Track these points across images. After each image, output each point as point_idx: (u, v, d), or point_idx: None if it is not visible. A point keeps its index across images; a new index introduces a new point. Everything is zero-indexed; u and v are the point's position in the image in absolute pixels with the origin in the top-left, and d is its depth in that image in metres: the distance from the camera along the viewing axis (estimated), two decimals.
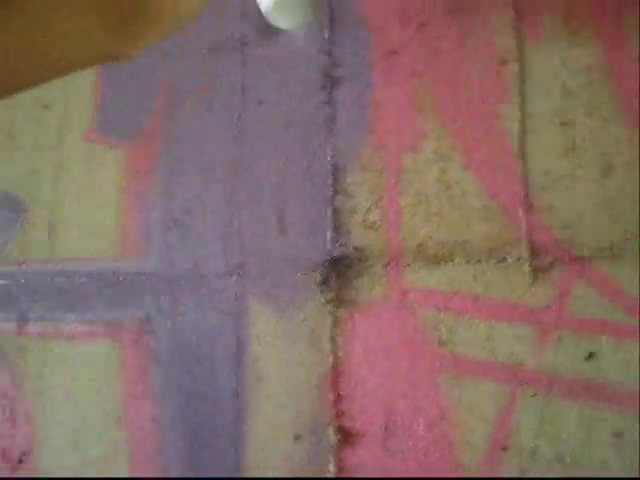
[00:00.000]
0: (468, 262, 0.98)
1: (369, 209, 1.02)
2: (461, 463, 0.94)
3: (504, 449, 0.94)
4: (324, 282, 1.01)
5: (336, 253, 1.02)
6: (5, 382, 1.11)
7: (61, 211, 1.12)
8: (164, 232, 1.08)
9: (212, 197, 1.07)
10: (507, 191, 0.98)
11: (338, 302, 1.01)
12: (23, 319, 1.11)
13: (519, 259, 0.96)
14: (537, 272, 0.96)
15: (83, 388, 1.07)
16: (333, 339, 1.00)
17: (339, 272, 1.01)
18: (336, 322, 1.00)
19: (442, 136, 1.01)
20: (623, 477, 0.90)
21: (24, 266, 1.12)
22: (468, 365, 0.96)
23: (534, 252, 0.96)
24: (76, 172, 1.13)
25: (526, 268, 0.96)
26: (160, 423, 1.04)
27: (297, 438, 0.99)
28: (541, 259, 0.96)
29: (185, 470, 1.02)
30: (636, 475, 0.89)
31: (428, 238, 1.00)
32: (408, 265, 0.99)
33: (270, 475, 0.99)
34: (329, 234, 1.02)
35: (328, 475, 0.97)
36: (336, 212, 1.03)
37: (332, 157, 1.04)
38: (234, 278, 1.05)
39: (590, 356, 0.93)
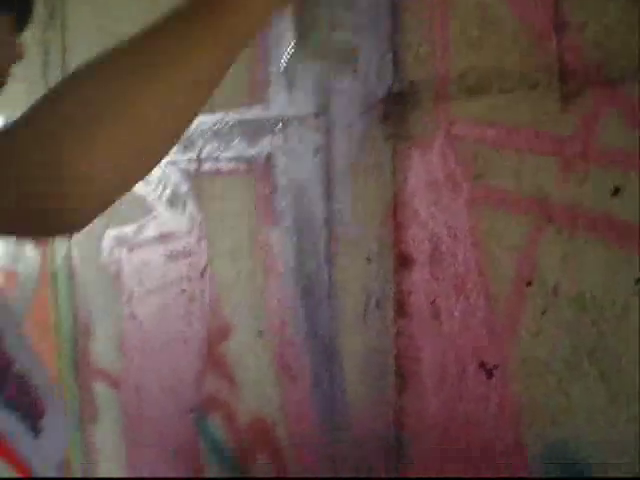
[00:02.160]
0: (502, 91, 0.94)
1: (420, 43, 1.02)
2: (491, 294, 0.97)
3: (528, 284, 0.93)
4: (385, 117, 1.07)
5: (395, 89, 1.05)
6: (194, 211, 1.42)
7: None
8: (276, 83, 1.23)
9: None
10: (538, 10, 0.89)
11: (397, 137, 1.06)
12: (199, 157, 1.39)
13: (549, 85, 0.89)
14: (567, 98, 0.88)
15: (235, 217, 1.33)
16: (393, 172, 1.07)
17: (397, 107, 1.05)
18: (395, 156, 1.06)
19: None
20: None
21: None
22: (499, 197, 0.95)
23: (564, 76, 0.88)
24: None
25: (556, 94, 0.89)
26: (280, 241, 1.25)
27: (368, 260, 1.11)
28: (571, 83, 0.87)
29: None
30: None
31: (469, 69, 0.97)
32: (452, 97, 0.99)
33: (351, 290, 1.14)
34: (390, 71, 1.06)
35: (389, 294, 1.08)
36: (396, 49, 1.05)
37: None
38: (320, 118, 1.16)
39: (616, 191, 0.85)
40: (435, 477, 1.05)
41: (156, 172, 1.53)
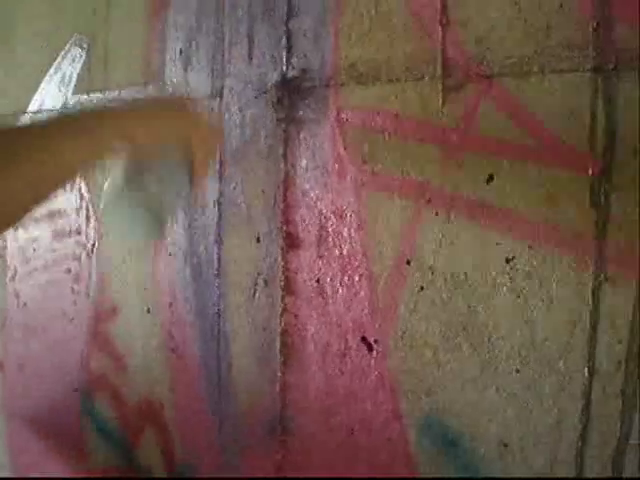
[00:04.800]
0: (390, 81, 0.99)
1: (313, 31, 1.06)
2: (374, 273, 1.02)
3: (408, 263, 0.99)
4: (278, 102, 1.10)
5: (288, 75, 1.09)
6: (82, 187, 1.41)
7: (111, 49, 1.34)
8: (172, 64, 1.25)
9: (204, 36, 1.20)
10: (427, 6, 0.95)
11: (288, 121, 1.09)
12: None
13: (433, 77, 0.95)
14: (449, 90, 0.94)
15: None
16: (284, 155, 1.10)
17: (290, 92, 1.09)
18: (287, 139, 1.10)
19: None
20: None
21: (90, 95, 1.39)
22: (384, 182, 1.00)
23: (447, 70, 0.94)
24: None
25: (439, 86, 0.94)
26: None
27: (258, 240, 1.14)
28: (453, 77, 0.93)
29: None
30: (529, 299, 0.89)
31: (359, 58, 1.02)
32: (342, 85, 1.03)
33: (240, 269, 1.17)
34: (284, 57, 1.09)
35: (277, 273, 1.12)
36: (289, 35, 1.09)
37: None
38: (217, 99, 1.18)
39: (490, 178, 0.91)
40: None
41: None
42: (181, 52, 1.23)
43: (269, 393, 1.14)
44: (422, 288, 0.97)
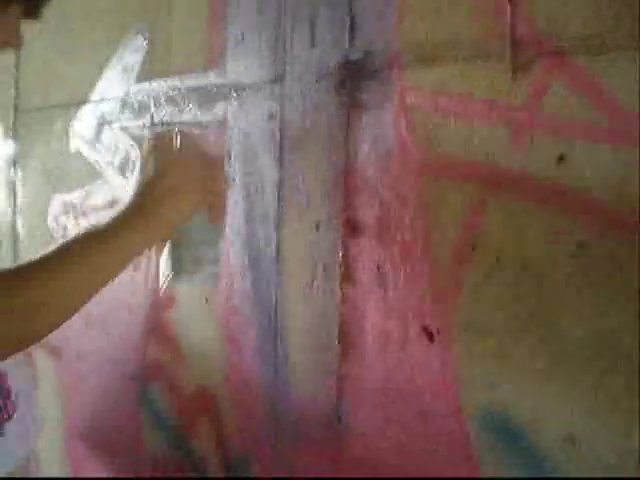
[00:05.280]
0: (456, 61, 0.96)
1: (377, 12, 1.03)
2: (436, 259, 0.98)
3: (473, 248, 0.95)
4: (340, 85, 1.08)
5: (351, 57, 1.07)
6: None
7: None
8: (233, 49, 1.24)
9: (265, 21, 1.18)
10: None
11: (351, 105, 1.07)
12: (153, 123, 1.39)
13: (502, 56, 0.91)
14: (518, 69, 0.90)
15: None
16: (346, 140, 1.08)
17: (352, 76, 1.07)
18: (349, 123, 1.07)
19: None
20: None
21: (151, 82, 1.39)
22: (449, 165, 0.97)
23: (516, 48, 0.90)
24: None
25: (508, 65, 0.91)
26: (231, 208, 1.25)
27: (317, 227, 1.12)
28: (522, 55, 0.90)
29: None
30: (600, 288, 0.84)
31: (424, 38, 0.99)
32: (407, 66, 1.01)
33: (299, 257, 1.15)
34: (347, 39, 1.07)
35: (336, 260, 1.09)
36: (353, 17, 1.06)
37: None
38: (278, 85, 1.17)
39: (561, 159, 0.87)
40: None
41: (107, 137, 1.52)
42: (242, 37, 1.21)
43: (326, 385, 1.11)
44: (488, 275, 0.93)
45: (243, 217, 1.23)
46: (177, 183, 0.93)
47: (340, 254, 1.09)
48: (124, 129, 1.47)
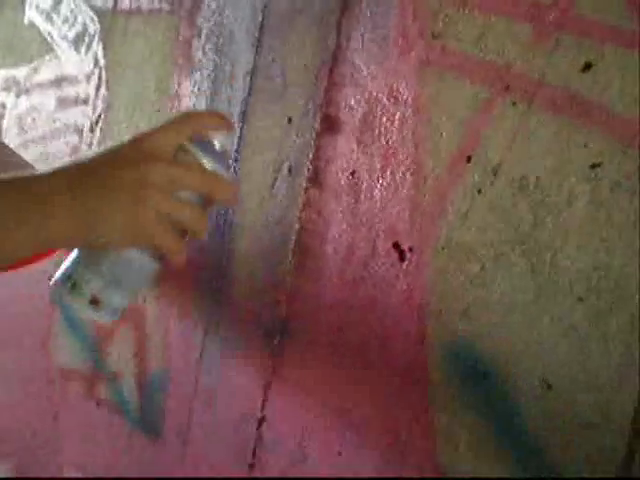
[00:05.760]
0: None
1: None
2: (423, 169, 0.86)
3: (468, 160, 0.83)
4: None
5: None
6: (98, 51, 1.25)
7: None
8: None
9: None
10: None
11: None
12: None
13: None
14: None
15: (147, 60, 1.16)
16: (339, 25, 0.94)
17: None
18: (344, 5, 0.94)
19: None
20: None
21: None
22: (455, 61, 0.84)
23: None
24: None
25: None
26: (192, 92, 1.10)
27: (289, 121, 0.98)
28: None
29: None
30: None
31: None
32: None
33: (263, 153, 1.01)
34: None
35: (305, 160, 0.96)
36: None
37: None
38: None
39: (587, 67, 0.75)
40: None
41: (66, 7, 1.34)
42: None
43: (274, 297, 0.98)
44: (480, 191, 0.81)
45: (205, 103, 1.09)
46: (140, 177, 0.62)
47: (311, 154, 0.96)
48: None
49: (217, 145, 0.73)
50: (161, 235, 0.62)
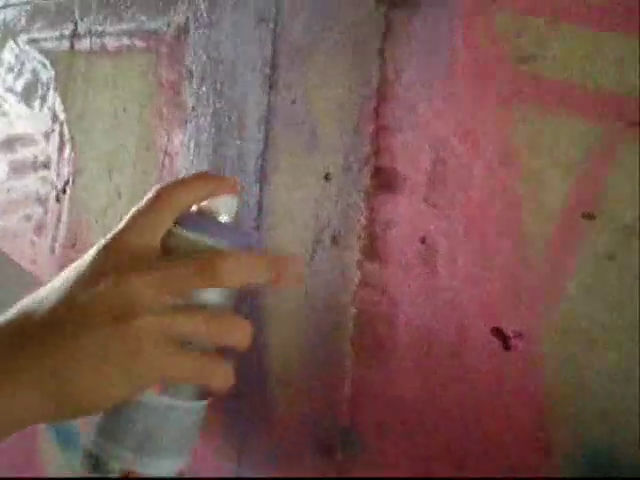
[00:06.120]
0: None
1: None
2: (525, 231, 0.66)
3: (589, 217, 0.63)
4: None
5: None
6: (56, 104, 1.02)
7: None
8: None
9: None
10: None
11: (392, 3, 0.73)
12: (75, 35, 0.99)
13: None
14: None
15: (121, 111, 0.94)
16: (381, 52, 0.74)
17: None
18: (388, 27, 0.74)
19: None
20: None
21: None
22: (554, 92, 0.65)
23: None
24: None
25: None
26: (188, 147, 0.88)
27: (327, 178, 0.78)
28: None
29: None
30: None
31: None
32: None
33: (295, 215, 0.80)
34: None
35: (354, 226, 0.76)
36: None
37: None
38: None
39: None
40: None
41: (9, 55, 1.11)
42: None
43: (330, 401, 0.78)
44: (612, 257, 0.62)
45: (207, 162, 0.87)
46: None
47: (362, 218, 0.75)
48: (33, 42, 1.07)
49: (220, 215, 0.61)
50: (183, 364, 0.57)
